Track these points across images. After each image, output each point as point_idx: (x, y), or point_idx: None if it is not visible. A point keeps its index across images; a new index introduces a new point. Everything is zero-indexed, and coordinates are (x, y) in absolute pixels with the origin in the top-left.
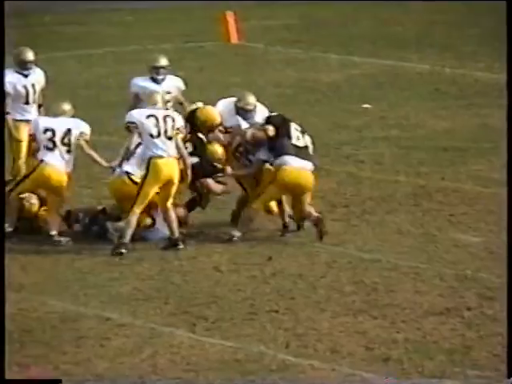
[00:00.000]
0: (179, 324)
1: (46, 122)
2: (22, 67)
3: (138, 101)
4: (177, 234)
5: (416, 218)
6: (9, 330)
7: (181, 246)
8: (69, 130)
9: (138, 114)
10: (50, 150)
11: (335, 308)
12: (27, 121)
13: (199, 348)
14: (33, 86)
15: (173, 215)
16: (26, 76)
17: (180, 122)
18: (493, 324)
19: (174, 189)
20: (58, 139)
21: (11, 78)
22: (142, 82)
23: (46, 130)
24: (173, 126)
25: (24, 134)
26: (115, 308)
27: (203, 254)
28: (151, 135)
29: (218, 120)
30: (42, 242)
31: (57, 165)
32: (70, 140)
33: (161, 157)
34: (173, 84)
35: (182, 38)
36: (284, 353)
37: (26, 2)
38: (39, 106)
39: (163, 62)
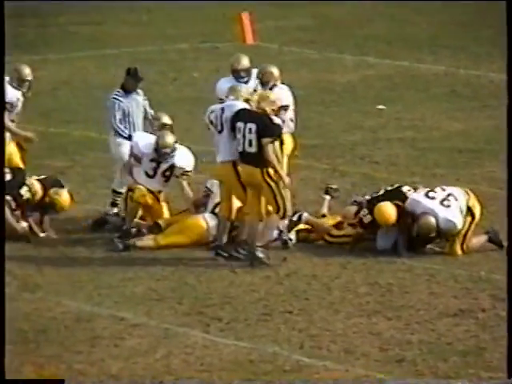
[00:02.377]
0: (193, 324)
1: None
2: (20, 84)
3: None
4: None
5: None
6: (23, 330)
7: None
8: (173, 166)
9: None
10: (149, 176)
11: (349, 309)
12: None
13: (213, 348)
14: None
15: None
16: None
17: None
18: (506, 325)
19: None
20: (160, 171)
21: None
22: (228, 85)
23: (151, 160)
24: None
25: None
26: (129, 308)
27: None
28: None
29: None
30: (57, 242)
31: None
32: (171, 174)
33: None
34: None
35: (197, 38)
36: (298, 354)
37: (42, 3)
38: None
39: (245, 63)
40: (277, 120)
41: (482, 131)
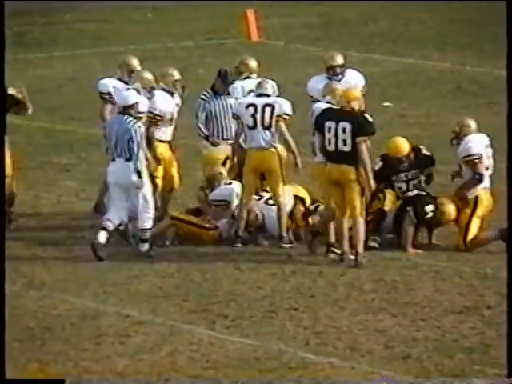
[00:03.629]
0: (199, 321)
1: None
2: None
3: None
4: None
5: None
6: (29, 327)
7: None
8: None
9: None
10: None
11: (355, 306)
12: None
13: (219, 346)
14: None
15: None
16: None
17: (283, 108)
18: (507, 325)
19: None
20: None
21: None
22: (321, 84)
23: None
24: (271, 115)
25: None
26: (135, 305)
27: (223, 251)
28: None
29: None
30: (63, 240)
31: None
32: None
33: (252, 148)
34: (351, 81)
35: (203, 35)
36: (303, 351)
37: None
38: None
39: (339, 60)
40: (370, 118)
41: (488, 128)
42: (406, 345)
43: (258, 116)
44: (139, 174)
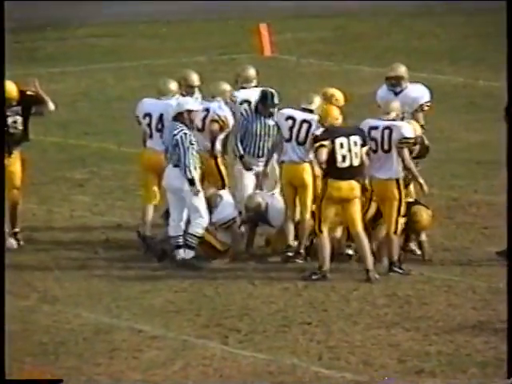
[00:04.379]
0: (212, 336)
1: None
2: (188, 91)
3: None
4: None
5: (449, 230)
6: (43, 342)
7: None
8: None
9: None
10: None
11: (368, 320)
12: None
13: (232, 360)
14: None
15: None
16: None
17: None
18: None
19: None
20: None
21: None
22: (382, 93)
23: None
24: (307, 131)
25: None
26: (148, 320)
27: (236, 266)
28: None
29: None
30: (76, 255)
31: None
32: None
33: (285, 161)
34: (411, 94)
35: (215, 50)
36: (317, 365)
37: (61, 15)
38: None
39: (395, 72)
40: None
41: (501, 142)
42: (420, 359)
43: (295, 130)
44: (191, 181)
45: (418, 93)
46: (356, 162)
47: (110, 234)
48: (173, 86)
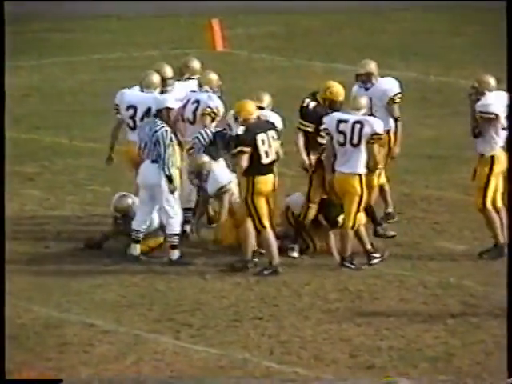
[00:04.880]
0: (164, 331)
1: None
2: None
3: None
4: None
5: (400, 225)
6: None
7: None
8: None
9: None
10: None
11: (319, 315)
12: None
13: (183, 355)
14: None
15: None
16: None
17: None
18: (476, 331)
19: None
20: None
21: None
22: (355, 90)
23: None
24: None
25: None
26: (99, 315)
27: (187, 261)
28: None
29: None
30: (26, 249)
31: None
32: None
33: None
34: (381, 90)
35: (167, 45)
36: (268, 360)
37: (12, 10)
38: None
39: (364, 69)
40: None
41: (452, 138)
42: (371, 354)
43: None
44: (169, 178)
45: (387, 85)
46: (274, 156)
47: (60, 228)
48: (155, 78)
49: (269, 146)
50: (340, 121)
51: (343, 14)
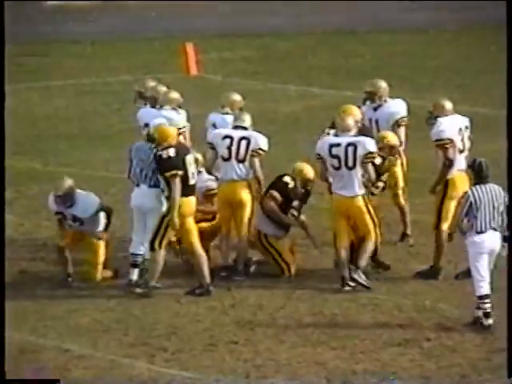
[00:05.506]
0: (139, 355)
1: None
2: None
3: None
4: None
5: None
6: None
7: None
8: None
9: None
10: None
11: (294, 339)
12: None
13: (158, 379)
14: None
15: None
16: None
17: (259, 143)
18: (452, 355)
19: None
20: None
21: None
22: (363, 109)
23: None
24: (246, 148)
25: None
26: (75, 339)
27: (162, 284)
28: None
29: None
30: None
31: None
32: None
33: (224, 180)
34: (388, 112)
35: (141, 69)
36: (243, 383)
37: None
38: None
39: (368, 87)
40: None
41: (424, 161)
42: (346, 377)
43: (234, 148)
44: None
45: (395, 108)
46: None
47: (36, 253)
48: (175, 95)
49: (195, 168)
50: (332, 145)
51: (317, 36)
